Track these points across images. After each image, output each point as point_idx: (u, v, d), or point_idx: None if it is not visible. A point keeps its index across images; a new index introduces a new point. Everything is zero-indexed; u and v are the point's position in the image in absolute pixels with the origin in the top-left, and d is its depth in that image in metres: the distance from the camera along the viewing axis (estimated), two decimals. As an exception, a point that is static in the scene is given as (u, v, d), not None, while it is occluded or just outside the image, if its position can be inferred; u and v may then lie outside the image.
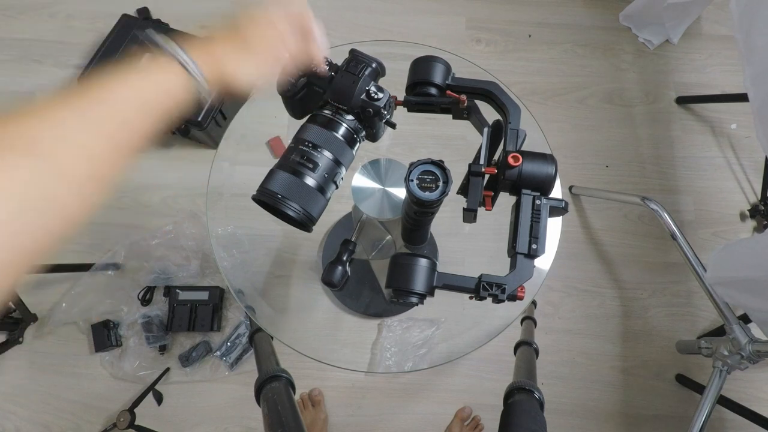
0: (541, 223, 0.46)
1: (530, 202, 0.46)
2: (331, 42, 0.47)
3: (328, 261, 0.59)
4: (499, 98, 0.51)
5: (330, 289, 0.58)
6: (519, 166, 0.46)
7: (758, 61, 0.91)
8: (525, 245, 0.46)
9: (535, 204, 0.46)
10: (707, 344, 1.08)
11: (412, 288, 0.46)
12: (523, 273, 0.45)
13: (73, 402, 1.11)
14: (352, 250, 0.60)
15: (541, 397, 0.67)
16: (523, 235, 0.46)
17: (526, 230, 0.46)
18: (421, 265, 0.47)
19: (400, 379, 1.15)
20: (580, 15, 1.55)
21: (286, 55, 0.42)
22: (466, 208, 0.47)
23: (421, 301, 0.48)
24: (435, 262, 0.48)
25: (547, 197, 0.47)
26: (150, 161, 1.32)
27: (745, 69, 0.95)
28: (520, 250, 0.46)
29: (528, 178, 0.46)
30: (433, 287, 0.47)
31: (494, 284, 0.45)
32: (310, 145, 0.46)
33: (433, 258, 0.48)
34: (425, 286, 0.46)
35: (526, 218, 0.46)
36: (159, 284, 1.18)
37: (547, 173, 0.46)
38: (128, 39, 1.25)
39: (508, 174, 0.46)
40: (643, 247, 1.29)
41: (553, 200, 0.47)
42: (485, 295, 0.45)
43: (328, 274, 0.57)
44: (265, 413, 0.61)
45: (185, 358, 1.11)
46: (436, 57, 0.52)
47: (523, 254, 0.45)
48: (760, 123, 0.90)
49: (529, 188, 0.47)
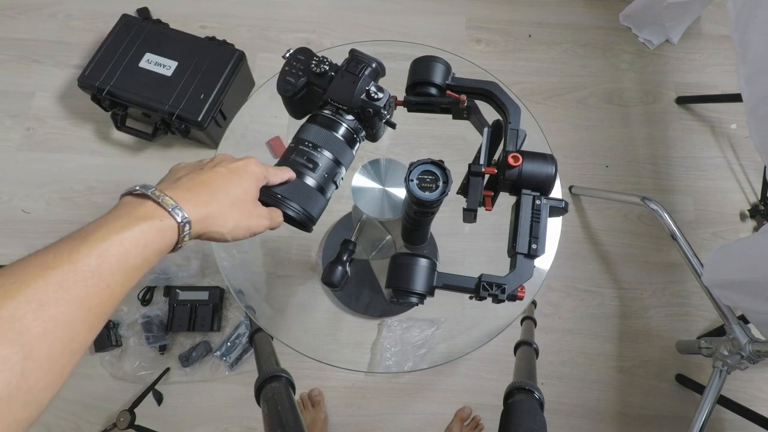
0: (541, 223, 0.46)
1: (530, 202, 0.46)
2: (331, 42, 0.47)
3: (328, 261, 0.59)
4: (499, 98, 0.51)
5: (330, 289, 0.58)
6: (519, 166, 0.45)
7: (753, 61, 0.91)
8: (525, 245, 0.45)
9: (535, 204, 0.46)
10: (707, 344, 1.08)
11: (412, 288, 0.46)
12: (523, 273, 0.45)
13: (73, 402, 1.11)
14: (352, 250, 0.60)
15: (541, 397, 0.67)
16: (523, 235, 0.46)
17: (526, 230, 0.46)
18: (421, 265, 0.47)
19: (400, 379, 1.15)
20: (580, 15, 1.55)
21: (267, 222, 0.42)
22: (466, 208, 0.47)
23: (421, 301, 0.48)
24: (435, 262, 0.48)
25: (547, 197, 0.47)
26: (150, 161, 1.32)
27: (740, 68, 0.95)
28: (520, 250, 0.45)
29: (528, 178, 0.46)
30: (433, 287, 0.47)
31: (494, 284, 0.45)
32: (310, 145, 0.46)
33: (433, 258, 0.48)
34: (425, 286, 0.46)
35: (526, 218, 0.46)
36: (159, 284, 1.18)
37: (547, 173, 0.46)
38: (128, 39, 1.25)
39: (508, 174, 0.46)
40: (643, 247, 1.29)
41: (553, 200, 0.47)
42: (485, 295, 0.45)
43: (328, 274, 0.57)
44: (265, 413, 0.61)
45: (185, 358, 1.11)
46: (436, 57, 0.52)
47: (523, 254, 0.45)
48: (754, 122, 0.90)
49: (529, 188, 0.47)
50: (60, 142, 1.34)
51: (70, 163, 1.31)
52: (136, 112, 1.26)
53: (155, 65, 1.22)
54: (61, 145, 1.33)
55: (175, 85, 1.20)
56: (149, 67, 1.22)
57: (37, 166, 1.31)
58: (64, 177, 1.30)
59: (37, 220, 1.24)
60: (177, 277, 1.18)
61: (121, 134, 1.32)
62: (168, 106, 1.18)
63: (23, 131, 1.35)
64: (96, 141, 1.34)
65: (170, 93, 1.19)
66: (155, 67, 1.22)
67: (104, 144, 1.34)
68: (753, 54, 0.91)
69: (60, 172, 1.30)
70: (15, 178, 1.29)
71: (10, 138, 1.34)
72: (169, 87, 1.19)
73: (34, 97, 1.38)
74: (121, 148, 1.33)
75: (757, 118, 0.89)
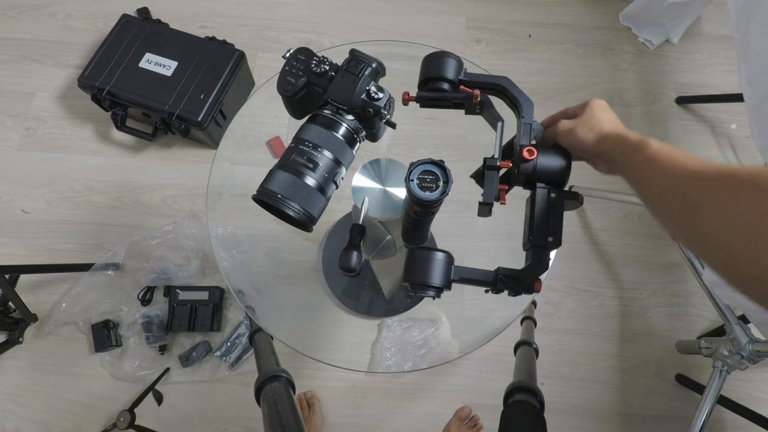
0: (558, 215, 0.46)
1: (545, 196, 0.46)
2: (331, 42, 0.47)
3: (329, 260, 0.59)
4: (511, 92, 0.51)
5: (348, 275, 0.57)
6: (534, 159, 0.46)
7: (754, 61, 0.92)
8: (542, 238, 0.46)
9: (550, 197, 0.46)
10: (707, 344, 1.08)
11: (430, 281, 0.46)
12: (540, 265, 0.45)
13: (73, 402, 1.11)
14: (362, 233, 0.60)
15: (541, 397, 0.67)
16: (540, 228, 0.46)
17: (543, 223, 0.46)
18: (438, 258, 0.47)
19: (400, 379, 1.15)
20: (580, 15, 1.55)
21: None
22: (482, 201, 0.47)
23: (438, 295, 0.48)
24: (452, 255, 0.48)
25: (562, 189, 0.47)
26: (150, 161, 1.32)
27: (741, 69, 0.95)
28: (536, 243, 0.46)
29: (543, 171, 0.46)
30: (450, 281, 0.47)
31: (512, 277, 0.45)
32: (310, 145, 0.46)
33: (449, 252, 0.47)
34: (442, 280, 0.47)
35: (542, 211, 0.46)
36: (159, 284, 1.18)
37: (561, 166, 0.46)
38: (128, 39, 1.25)
39: (523, 167, 0.46)
40: (643, 247, 1.29)
41: (568, 193, 0.47)
42: (503, 288, 0.45)
43: (345, 260, 0.56)
44: (265, 413, 0.61)
45: (185, 358, 1.11)
46: (448, 52, 0.52)
47: (540, 247, 0.46)
48: (756, 123, 0.90)
49: (544, 182, 0.47)
50: (60, 142, 1.34)
51: (70, 163, 1.31)
52: (136, 112, 1.26)
53: (155, 65, 1.22)
54: (61, 145, 1.33)
55: (175, 85, 1.20)
56: (149, 67, 1.22)
57: (37, 166, 1.31)
58: (64, 177, 1.30)
59: (37, 220, 1.24)
60: (177, 277, 1.18)
61: (121, 134, 1.32)
62: (168, 106, 1.18)
63: (23, 131, 1.35)
64: (96, 141, 1.34)
65: (170, 93, 1.19)
66: (155, 67, 1.22)
67: (104, 144, 1.34)
68: (754, 54, 0.91)
69: (60, 172, 1.30)
70: (15, 178, 1.29)
71: (10, 138, 1.34)
72: (169, 87, 1.19)
73: (34, 97, 1.38)
74: (121, 148, 1.33)
75: (759, 118, 0.89)
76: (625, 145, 0.41)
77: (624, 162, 0.41)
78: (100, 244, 1.22)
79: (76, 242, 1.22)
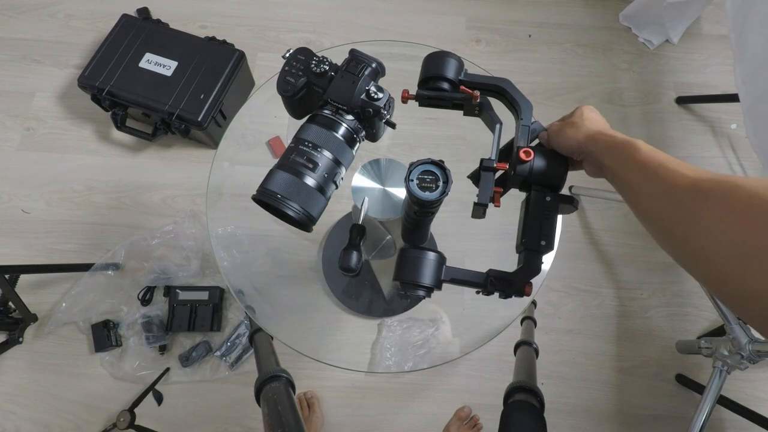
0: (552, 219, 0.46)
1: (541, 199, 0.46)
2: (331, 42, 0.47)
3: (329, 260, 0.59)
4: (511, 94, 0.50)
5: (348, 275, 0.57)
6: (530, 161, 0.45)
7: (750, 60, 0.92)
8: (534, 241, 0.45)
9: (545, 200, 0.46)
10: (707, 344, 1.08)
11: (420, 281, 0.46)
12: (531, 269, 0.45)
13: (73, 402, 1.11)
14: (362, 233, 0.60)
15: (541, 397, 0.67)
16: (533, 231, 0.45)
17: (536, 226, 0.45)
18: (429, 258, 0.47)
19: (400, 379, 1.15)
20: (580, 15, 1.55)
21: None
22: (476, 202, 0.47)
23: (428, 294, 0.48)
24: (443, 255, 0.48)
25: (558, 193, 0.47)
26: (150, 161, 1.32)
27: (737, 68, 0.95)
28: (529, 246, 0.45)
29: (539, 174, 0.46)
30: (441, 281, 0.47)
31: (502, 279, 0.45)
32: (310, 145, 0.46)
33: (441, 252, 0.47)
34: (433, 280, 0.46)
35: (536, 214, 0.46)
36: (159, 284, 1.18)
37: (558, 169, 0.46)
38: (128, 39, 1.25)
39: (519, 169, 0.46)
40: (644, 247, 1.29)
41: (564, 196, 0.47)
42: (493, 290, 0.45)
43: (345, 260, 0.56)
44: (265, 413, 0.61)
45: (185, 358, 1.11)
46: (449, 52, 0.52)
47: (532, 250, 0.45)
48: (750, 122, 0.90)
49: (540, 184, 0.46)
50: (60, 142, 1.34)
51: (70, 163, 1.31)
52: (136, 112, 1.26)
53: (155, 65, 1.22)
54: (61, 145, 1.33)
55: (175, 85, 1.20)
56: (149, 67, 1.22)
57: (37, 166, 1.31)
58: (64, 177, 1.30)
59: (37, 220, 1.24)
60: (177, 277, 1.18)
61: (121, 134, 1.32)
62: (168, 106, 1.18)
63: (23, 131, 1.35)
64: (96, 141, 1.34)
65: (170, 93, 1.19)
66: (155, 67, 1.22)
67: (104, 144, 1.34)
68: (750, 54, 0.91)
69: (60, 172, 1.30)
70: (15, 178, 1.29)
71: (10, 138, 1.34)
72: (169, 87, 1.19)
73: (34, 97, 1.39)
74: (121, 148, 1.33)
75: (754, 117, 0.90)
76: (611, 146, 0.41)
77: (611, 164, 0.40)
78: (100, 244, 1.22)
79: (76, 242, 1.22)
